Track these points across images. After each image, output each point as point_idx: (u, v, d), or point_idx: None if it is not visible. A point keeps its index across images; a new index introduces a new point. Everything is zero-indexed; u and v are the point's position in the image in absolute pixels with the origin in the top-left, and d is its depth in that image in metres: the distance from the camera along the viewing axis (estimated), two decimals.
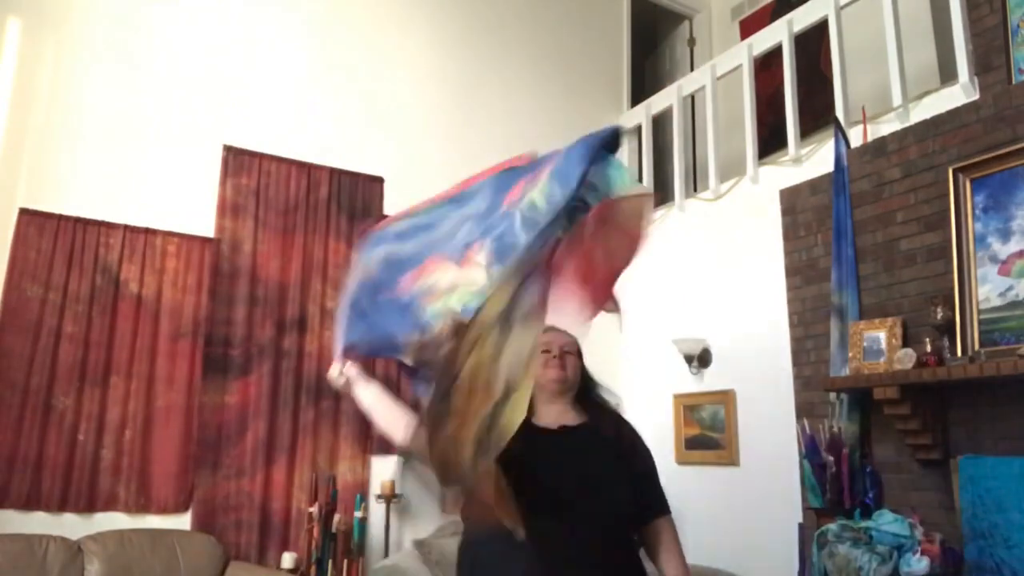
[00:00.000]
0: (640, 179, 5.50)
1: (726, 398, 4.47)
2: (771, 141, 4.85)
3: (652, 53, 6.83)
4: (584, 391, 1.79)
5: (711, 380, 4.63)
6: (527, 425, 1.56)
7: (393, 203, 4.66)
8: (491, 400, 1.29)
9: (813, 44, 4.89)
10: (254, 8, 4.52)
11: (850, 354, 3.59)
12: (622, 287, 1.56)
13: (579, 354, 1.81)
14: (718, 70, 5.02)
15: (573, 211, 1.50)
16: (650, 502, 1.69)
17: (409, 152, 4.80)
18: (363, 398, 1.83)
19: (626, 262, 1.59)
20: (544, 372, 1.71)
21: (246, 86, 4.40)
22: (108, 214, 3.89)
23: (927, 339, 3.29)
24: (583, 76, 5.70)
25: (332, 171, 4.51)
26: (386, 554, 4.11)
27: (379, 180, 4.68)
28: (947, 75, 4.06)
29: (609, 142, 1.53)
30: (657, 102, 5.52)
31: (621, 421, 1.77)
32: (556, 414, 1.71)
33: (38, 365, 3.60)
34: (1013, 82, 3.30)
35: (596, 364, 1.90)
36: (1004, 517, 2.97)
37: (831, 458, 3.54)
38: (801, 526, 3.78)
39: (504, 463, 1.43)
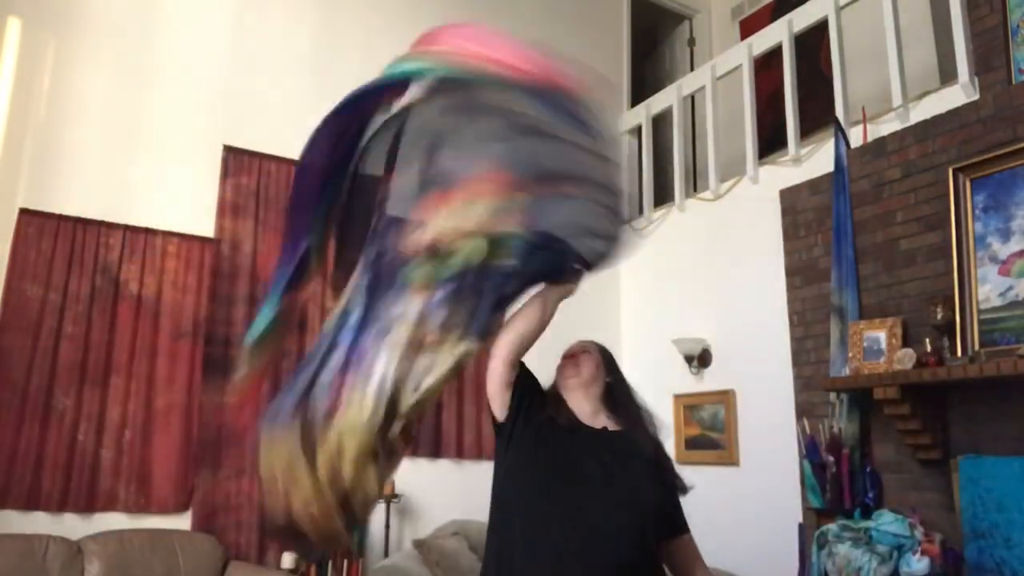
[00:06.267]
0: (640, 179, 5.51)
1: (726, 398, 4.47)
2: (771, 141, 4.85)
3: (652, 53, 6.83)
4: (612, 397, 1.84)
5: (711, 380, 4.63)
6: (573, 416, 1.73)
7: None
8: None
9: (813, 44, 4.89)
10: (254, 8, 4.52)
11: (850, 354, 3.59)
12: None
13: (603, 355, 1.88)
14: (718, 70, 5.02)
15: None
16: (680, 519, 1.79)
17: None
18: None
19: None
20: (560, 373, 1.83)
21: (246, 86, 4.40)
22: (108, 214, 3.89)
23: (927, 339, 3.29)
24: (583, 76, 5.69)
25: None
26: (386, 554, 4.11)
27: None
28: (947, 75, 4.06)
29: None
30: (657, 102, 5.51)
31: (658, 442, 1.83)
32: (589, 414, 1.77)
33: (38, 365, 3.60)
34: (1013, 82, 3.30)
35: None
36: (1004, 517, 2.97)
37: (831, 458, 3.54)
38: (801, 526, 3.78)
39: (548, 438, 1.64)
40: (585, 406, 1.78)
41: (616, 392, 1.85)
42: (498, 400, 1.71)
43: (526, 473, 1.63)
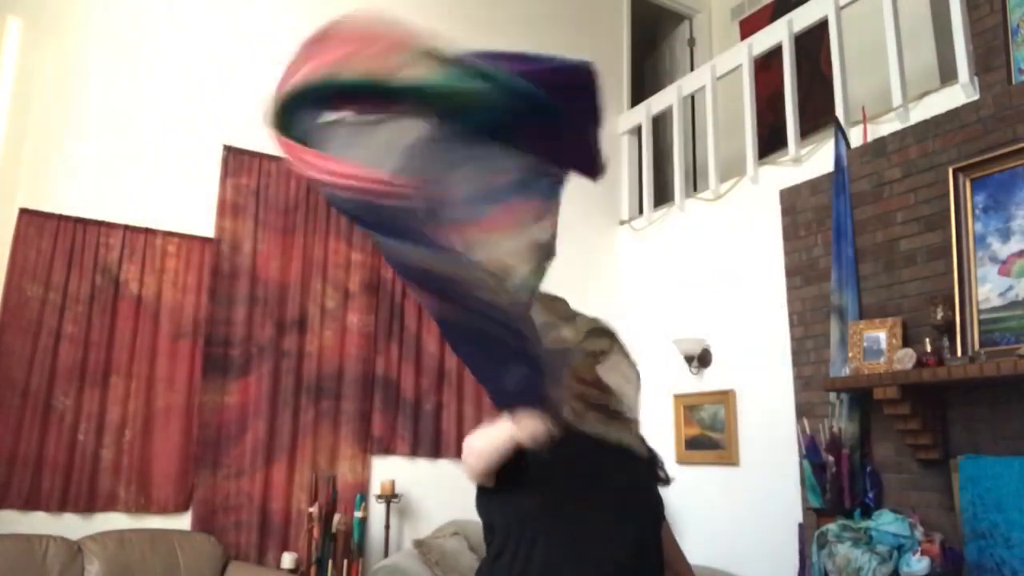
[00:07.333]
0: (640, 179, 5.52)
1: (726, 398, 4.47)
2: (771, 141, 4.85)
3: (652, 53, 6.83)
4: None
5: (711, 380, 4.63)
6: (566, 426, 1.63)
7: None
8: None
9: (813, 44, 4.89)
10: (254, 8, 4.52)
11: (850, 354, 3.59)
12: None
13: None
14: (718, 70, 5.02)
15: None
16: (663, 508, 1.76)
17: None
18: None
19: None
20: None
21: (246, 86, 4.39)
22: (108, 214, 3.89)
23: (927, 339, 3.29)
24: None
25: None
26: (386, 554, 4.11)
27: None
28: (947, 75, 4.06)
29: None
30: (657, 102, 5.52)
31: (643, 438, 1.82)
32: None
33: (38, 365, 3.60)
34: (1013, 82, 3.30)
35: None
36: (1004, 517, 2.97)
37: (831, 458, 3.54)
38: (801, 526, 3.78)
39: (558, 458, 1.51)
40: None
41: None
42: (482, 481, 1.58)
43: (537, 511, 1.53)
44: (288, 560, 3.84)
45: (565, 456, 1.62)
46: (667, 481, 1.76)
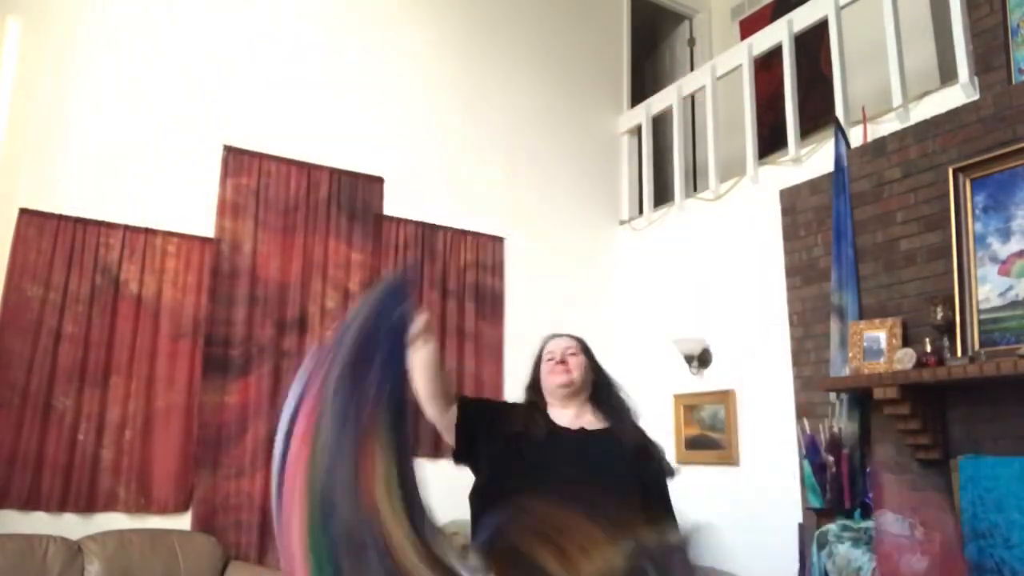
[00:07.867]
0: (640, 179, 5.52)
1: (726, 398, 4.47)
2: (771, 141, 4.85)
3: (652, 53, 6.83)
4: (599, 391, 1.80)
5: (711, 380, 4.63)
6: (549, 422, 1.67)
7: (393, 203, 4.66)
8: None
9: (813, 44, 4.89)
10: (254, 8, 4.52)
11: (850, 354, 3.59)
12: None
13: (587, 353, 1.83)
14: (718, 70, 5.02)
15: None
16: (660, 514, 1.72)
17: (409, 152, 4.81)
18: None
19: None
20: (550, 379, 1.77)
21: (246, 86, 4.40)
22: (108, 214, 3.89)
23: (927, 339, 3.29)
24: (583, 76, 5.70)
25: (332, 171, 4.51)
26: None
27: (379, 180, 4.68)
28: (947, 75, 4.06)
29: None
30: (657, 102, 5.52)
31: (642, 431, 1.79)
32: (572, 416, 1.74)
33: (38, 365, 3.60)
34: (1013, 82, 3.30)
35: None
36: (1004, 517, 2.97)
37: (831, 458, 3.54)
38: (801, 526, 3.78)
39: (526, 451, 1.59)
40: (571, 409, 1.75)
41: (602, 390, 1.82)
42: (449, 438, 1.71)
43: (499, 493, 1.59)
44: None
45: (514, 449, 1.62)
46: (671, 474, 1.74)
